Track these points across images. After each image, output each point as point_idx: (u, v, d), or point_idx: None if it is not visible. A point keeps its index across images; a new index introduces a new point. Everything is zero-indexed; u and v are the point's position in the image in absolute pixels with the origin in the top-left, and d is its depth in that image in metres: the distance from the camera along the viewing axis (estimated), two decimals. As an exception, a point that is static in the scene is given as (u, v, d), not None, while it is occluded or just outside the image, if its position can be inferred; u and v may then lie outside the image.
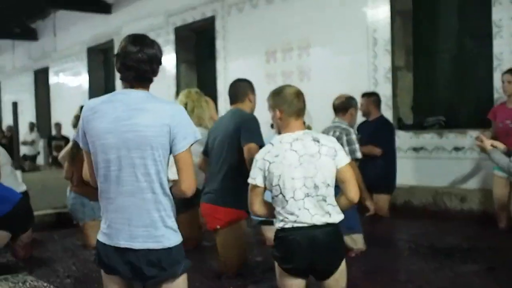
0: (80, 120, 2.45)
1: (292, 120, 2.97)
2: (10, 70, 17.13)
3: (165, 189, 2.39)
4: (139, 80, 2.41)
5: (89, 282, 3.99)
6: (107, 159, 2.35)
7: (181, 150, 2.36)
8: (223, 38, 9.21)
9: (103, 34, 12.36)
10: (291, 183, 2.82)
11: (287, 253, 2.87)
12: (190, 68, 10.59)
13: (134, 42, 2.38)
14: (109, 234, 2.41)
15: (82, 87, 13.47)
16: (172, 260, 2.41)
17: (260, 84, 7.89)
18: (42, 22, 14.94)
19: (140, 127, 2.31)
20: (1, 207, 4.47)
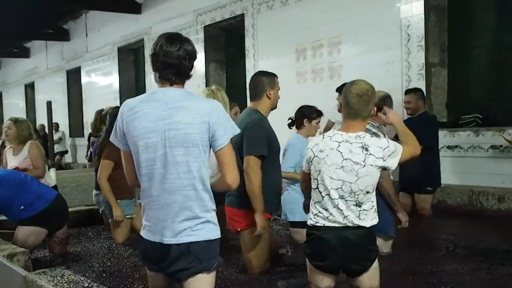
0: (118, 120, 2.47)
1: (347, 120, 2.91)
2: (44, 70, 17.42)
3: (206, 185, 2.43)
4: (180, 77, 2.45)
5: (124, 277, 4.03)
6: (149, 158, 2.39)
7: (222, 145, 2.40)
8: (253, 37, 9.19)
9: (133, 34, 12.48)
10: (329, 182, 2.82)
11: (318, 251, 2.88)
12: (220, 67, 10.60)
13: (171, 40, 2.43)
14: (152, 231, 2.45)
15: (113, 86, 13.61)
16: (210, 254, 2.44)
17: (289, 83, 7.93)
18: (74, 23, 15.16)
19: (181, 125, 2.35)
20: (37, 204, 4.55)
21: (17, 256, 3.38)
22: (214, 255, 2.46)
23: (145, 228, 2.49)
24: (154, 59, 2.44)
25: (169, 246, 2.39)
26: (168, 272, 2.46)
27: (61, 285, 2.56)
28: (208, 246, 2.42)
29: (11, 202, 4.46)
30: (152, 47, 2.46)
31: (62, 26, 15.52)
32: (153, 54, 2.44)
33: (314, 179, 2.88)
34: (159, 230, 2.42)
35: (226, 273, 4.03)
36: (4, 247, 3.61)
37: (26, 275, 2.79)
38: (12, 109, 21.01)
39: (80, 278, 2.71)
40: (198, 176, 2.39)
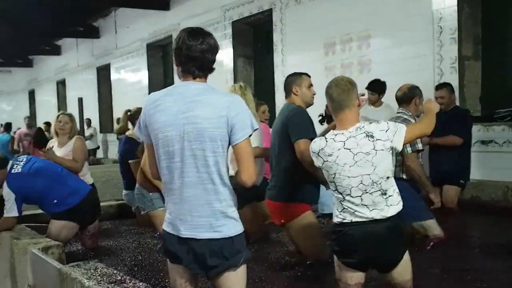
0: (142, 113, 2.48)
1: (337, 116, 2.90)
2: (75, 67, 17.66)
3: (224, 179, 2.41)
4: (202, 70, 2.45)
5: (155, 271, 4.06)
6: (169, 151, 2.39)
7: (239, 140, 2.38)
8: (281, 31, 9.14)
9: (161, 30, 12.54)
10: (347, 182, 2.79)
11: (346, 247, 2.86)
12: (248, 62, 10.59)
13: (193, 34, 2.43)
14: (172, 224, 2.45)
15: (142, 82, 13.72)
16: (233, 250, 2.43)
17: (318, 78, 7.83)
18: (104, 21, 15.31)
19: (199, 119, 2.35)
20: (70, 199, 4.61)
21: (52, 249, 3.43)
22: (239, 250, 2.44)
23: (166, 221, 2.50)
24: (176, 53, 2.44)
25: (188, 240, 2.39)
26: (191, 267, 2.45)
27: (94, 278, 2.59)
28: (231, 243, 2.41)
29: (46, 194, 4.53)
30: (175, 42, 2.46)
31: (92, 23, 15.70)
32: (176, 48, 2.44)
33: (331, 182, 2.85)
34: (178, 224, 2.42)
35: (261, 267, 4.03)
36: (39, 240, 3.66)
37: (60, 268, 2.83)
38: (44, 106, 21.42)
39: (113, 271, 2.74)
40: (216, 170, 2.37)
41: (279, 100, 8.83)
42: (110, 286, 2.46)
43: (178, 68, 2.48)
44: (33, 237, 3.79)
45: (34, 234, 3.88)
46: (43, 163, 4.79)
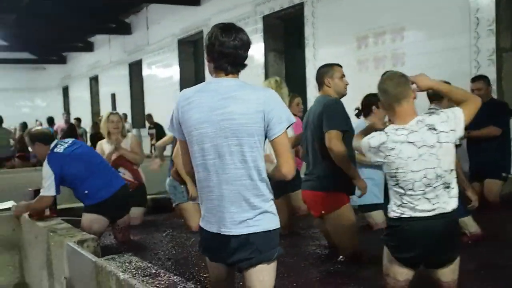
0: (174, 110, 2.48)
1: (396, 108, 2.83)
2: (107, 63, 17.88)
3: (262, 174, 2.41)
4: (235, 66, 2.44)
5: (189, 265, 4.07)
6: (204, 148, 2.38)
7: (277, 134, 2.37)
8: (312, 25, 9.07)
9: (192, 25, 12.59)
10: (411, 176, 2.73)
11: (403, 242, 2.80)
12: (279, 57, 10.54)
13: (226, 30, 2.42)
14: (210, 221, 2.45)
15: (173, 78, 13.80)
16: (270, 244, 2.43)
17: (351, 71, 7.75)
18: (135, 17, 15.45)
19: (235, 115, 2.33)
20: (101, 193, 4.58)
21: (87, 242, 3.46)
22: (274, 245, 2.45)
23: (204, 218, 2.50)
24: (209, 49, 2.44)
25: (228, 236, 2.39)
26: (228, 262, 2.45)
27: (129, 271, 2.60)
28: (267, 237, 2.41)
29: (79, 182, 4.54)
30: (207, 38, 2.45)
31: (124, 20, 15.86)
32: (208, 45, 2.43)
33: (392, 177, 2.79)
34: (216, 221, 2.42)
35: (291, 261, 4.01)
36: (75, 233, 3.70)
37: (96, 261, 2.85)
38: (77, 102, 21.76)
39: (147, 265, 2.74)
40: (254, 166, 2.37)
41: (310, 94, 8.77)
42: (144, 279, 2.47)
43: (210, 64, 2.47)
44: (69, 230, 3.83)
45: (70, 228, 3.92)
46: (86, 150, 4.82)
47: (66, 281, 3.30)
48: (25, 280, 4.69)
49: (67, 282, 3.30)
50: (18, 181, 7.92)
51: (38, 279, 4.22)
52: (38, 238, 4.17)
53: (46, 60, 23.05)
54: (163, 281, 2.44)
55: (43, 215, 4.38)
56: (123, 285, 2.49)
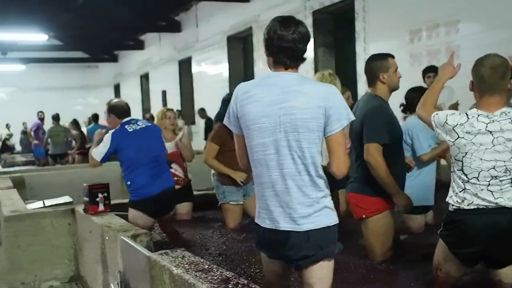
0: (231, 103, 2.46)
1: (485, 97, 2.73)
2: (157, 61, 18.13)
3: (319, 170, 2.38)
4: (294, 60, 2.41)
5: (240, 260, 4.07)
6: (263, 142, 2.36)
7: (334, 131, 2.34)
8: (363, 19, 8.94)
9: (242, 22, 12.61)
10: (478, 164, 2.63)
11: (462, 238, 2.71)
12: (329, 52, 10.45)
13: (285, 23, 2.39)
14: (268, 217, 2.42)
15: (222, 75, 13.87)
16: (330, 240, 2.41)
17: (403, 65, 7.50)
18: (185, 15, 15.60)
19: (295, 110, 2.31)
20: (142, 190, 4.54)
21: (140, 237, 3.50)
22: (333, 241, 2.43)
23: (260, 214, 2.47)
24: (268, 43, 2.41)
25: (287, 232, 2.36)
26: (286, 258, 2.43)
27: (182, 266, 2.60)
28: (327, 233, 2.39)
29: (126, 169, 4.60)
30: (266, 32, 2.42)
31: (174, 18, 16.05)
32: (267, 39, 2.41)
33: (458, 161, 2.70)
34: (275, 217, 2.39)
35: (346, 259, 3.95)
36: (128, 228, 3.75)
37: (150, 255, 2.87)
38: (128, 99, 21.98)
39: (200, 260, 2.74)
40: (312, 161, 2.34)
41: (361, 89, 8.65)
42: (198, 274, 2.47)
43: (269, 58, 2.44)
44: (122, 225, 3.89)
45: (123, 223, 3.98)
46: (150, 141, 4.67)
47: (120, 275, 3.34)
48: (80, 273, 4.80)
49: (121, 275, 3.34)
50: (73, 177, 8.14)
51: (93, 273, 4.30)
52: (92, 233, 4.26)
53: (99, 58, 23.59)
54: (215, 276, 2.43)
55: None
56: (177, 279, 2.50)
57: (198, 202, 6.17)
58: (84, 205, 4.49)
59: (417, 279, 3.46)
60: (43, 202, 5.17)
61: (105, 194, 4.45)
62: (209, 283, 2.33)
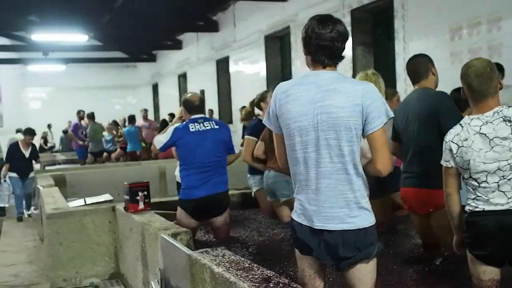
0: (271, 103, 2.47)
1: (477, 104, 2.74)
2: (195, 61, 18.26)
3: (358, 169, 2.36)
4: (333, 58, 2.42)
5: (279, 260, 4.05)
6: (302, 141, 2.37)
7: (375, 129, 2.32)
8: (402, 18, 8.80)
9: (279, 21, 12.58)
10: (483, 168, 2.62)
11: (477, 239, 2.71)
12: (367, 51, 10.33)
13: (323, 22, 2.39)
14: (304, 215, 2.42)
15: (259, 74, 13.87)
16: (367, 242, 2.39)
17: (443, 64, 7.45)
18: (223, 14, 15.67)
19: (333, 108, 2.31)
20: (190, 191, 4.58)
21: (180, 235, 3.53)
22: (372, 242, 2.41)
23: (297, 211, 2.48)
24: (306, 42, 2.42)
25: (321, 231, 2.36)
26: (323, 258, 2.41)
27: (223, 265, 2.62)
28: (364, 234, 2.37)
29: (180, 166, 4.69)
30: (304, 30, 2.43)
31: (211, 18, 16.13)
32: (305, 37, 2.42)
33: (465, 169, 2.69)
34: (311, 214, 2.39)
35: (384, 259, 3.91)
36: (168, 226, 3.79)
37: (190, 254, 2.90)
38: (166, 98, 22.41)
39: (240, 259, 2.75)
40: (351, 160, 2.33)
41: (400, 88, 8.51)
42: (238, 273, 2.48)
43: (308, 57, 2.45)
44: (163, 223, 3.93)
45: (163, 221, 4.02)
46: (210, 147, 4.62)
47: (161, 273, 3.38)
48: (120, 271, 4.87)
49: (162, 273, 3.38)
50: (112, 176, 8.28)
51: (133, 270, 4.36)
52: (133, 231, 4.32)
53: (137, 58, 23.90)
54: (256, 275, 2.44)
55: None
56: (218, 278, 2.51)
57: (236, 202, 6.19)
58: (125, 203, 4.56)
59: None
60: (84, 200, 5.26)
61: (145, 193, 4.51)
62: (250, 281, 2.34)
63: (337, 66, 2.47)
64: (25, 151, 9.54)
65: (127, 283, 4.62)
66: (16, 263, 5.59)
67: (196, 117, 4.65)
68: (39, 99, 25.40)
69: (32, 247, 6.43)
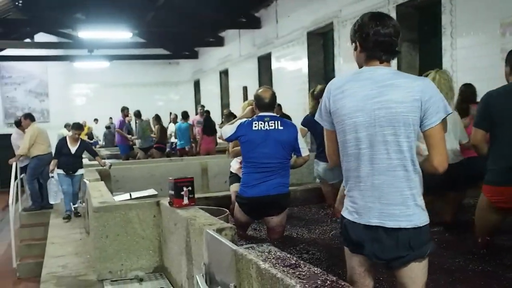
0: (324, 99, 2.46)
1: None
2: (237, 57, 18.31)
3: (416, 166, 2.33)
4: (390, 54, 2.41)
5: (327, 258, 4.03)
6: (357, 137, 2.35)
7: (432, 125, 2.30)
8: (450, 13, 8.60)
9: (322, 17, 12.49)
10: None
11: None
12: (413, 47, 10.14)
13: (379, 18, 2.41)
14: (358, 212, 2.39)
15: (301, 71, 13.80)
16: (421, 240, 2.36)
17: (494, 61, 7.28)
18: (265, 11, 15.65)
19: (392, 104, 2.29)
20: (251, 190, 4.62)
21: (225, 230, 3.53)
22: (425, 241, 2.37)
23: (349, 208, 2.45)
24: (362, 38, 2.42)
25: (376, 228, 2.32)
26: (375, 256, 2.38)
27: (269, 261, 2.59)
28: (418, 233, 2.34)
29: (243, 165, 4.72)
30: (357, 27, 2.45)
31: (254, 14, 16.13)
32: (361, 34, 2.41)
33: None
34: (365, 212, 2.36)
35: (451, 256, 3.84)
36: (213, 221, 3.79)
37: (236, 249, 2.88)
38: (208, 95, 22.55)
39: (286, 255, 2.72)
40: (409, 156, 2.29)
41: (448, 85, 8.32)
42: (285, 269, 2.44)
43: (361, 53, 2.44)
44: (207, 218, 3.93)
45: (208, 216, 4.02)
46: (270, 149, 4.63)
47: (205, 267, 3.38)
48: (164, 265, 4.91)
49: (206, 267, 3.38)
50: (155, 171, 8.39)
51: (177, 264, 4.39)
52: (177, 225, 4.34)
53: (180, 55, 24.10)
54: (303, 272, 2.40)
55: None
56: (264, 274, 2.49)
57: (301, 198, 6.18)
58: (169, 198, 4.59)
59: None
60: (129, 194, 5.33)
61: (189, 188, 4.53)
62: (297, 278, 2.31)
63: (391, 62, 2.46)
64: (72, 147, 9.09)
65: (171, 276, 4.65)
66: (63, 255, 5.71)
67: (263, 115, 4.63)
68: (84, 95, 25.92)
69: (79, 239, 6.56)
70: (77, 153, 9.14)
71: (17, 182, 11.11)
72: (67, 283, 4.75)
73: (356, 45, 2.46)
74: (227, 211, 4.80)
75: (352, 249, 2.49)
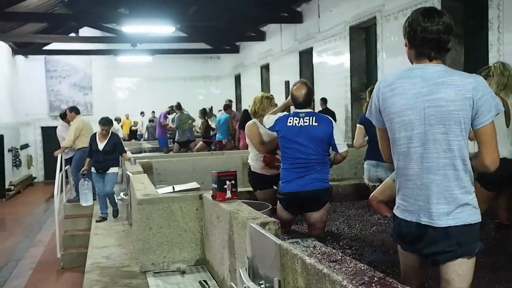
0: (373, 97, 2.45)
1: None
2: (278, 52, 18.28)
3: (467, 165, 2.30)
4: (439, 51, 2.38)
5: (369, 253, 3.99)
6: (408, 135, 2.33)
7: (484, 123, 2.27)
8: (498, 7, 8.38)
9: (365, 12, 12.34)
10: None
11: None
12: (458, 42, 9.91)
13: (428, 14, 2.36)
14: (409, 210, 2.38)
15: (343, 65, 13.69)
16: (470, 238, 2.32)
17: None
18: (307, 5, 15.57)
19: (443, 102, 2.26)
20: (284, 185, 4.65)
21: (269, 225, 3.53)
22: (475, 239, 2.33)
23: (400, 207, 2.44)
24: (411, 35, 2.39)
25: (426, 227, 2.31)
26: (424, 252, 2.37)
27: (315, 256, 2.58)
28: (468, 230, 2.30)
29: (282, 159, 4.73)
30: (407, 24, 2.42)
31: (295, 9, 16.08)
32: (410, 31, 2.39)
33: None
34: (415, 210, 2.35)
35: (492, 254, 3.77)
36: (256, 215, 3.80)
37: (280, 244, 2.88)
38: (248, 89, 22.61)
39: (332, 251, 2.71)
40: (459, 155, 2.26)
41: (493, 81, 8.12)
42: (331, 264, 2.43)
43: (411, 50, 2.41)
44: (250, 212, 3.95)
45: (251, 210, 4.04)
46: (304, 145, 4.60)
47: (249, 261, 3.40)
48: (205, 257, 4.96)
49: (249, 261, 3.39)
50: (196, 165, 8.46)
51: (219, 257, 4.42)
52: (220, 219, 4.37)
53: (220, 49, 24.23)
54: (350, 268, 2.38)
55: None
56: (310, 269, 2.48)
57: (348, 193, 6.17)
58: (212, 191, 4.62)
59: None
60: (172, 187, 5.39)
61: (232, 182, 4.55)
62: (343, 274, 2.29)
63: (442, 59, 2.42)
64: (100, 143, 8.29)
65: (213, 270, 4.69)
66: (107, 246, 5.83)
67: (299, 111, 4.64)
68: (126, 89, 26.34)
69: (121, 231, 6.67)
70: (106, 150, 8.28)
71: (62, 174, 11.37)
72: (110, 273, 4.85)
73: (406, 41, 2.45)
74: (269, 205, 4.79)
75: (403, 246, 2.48)
